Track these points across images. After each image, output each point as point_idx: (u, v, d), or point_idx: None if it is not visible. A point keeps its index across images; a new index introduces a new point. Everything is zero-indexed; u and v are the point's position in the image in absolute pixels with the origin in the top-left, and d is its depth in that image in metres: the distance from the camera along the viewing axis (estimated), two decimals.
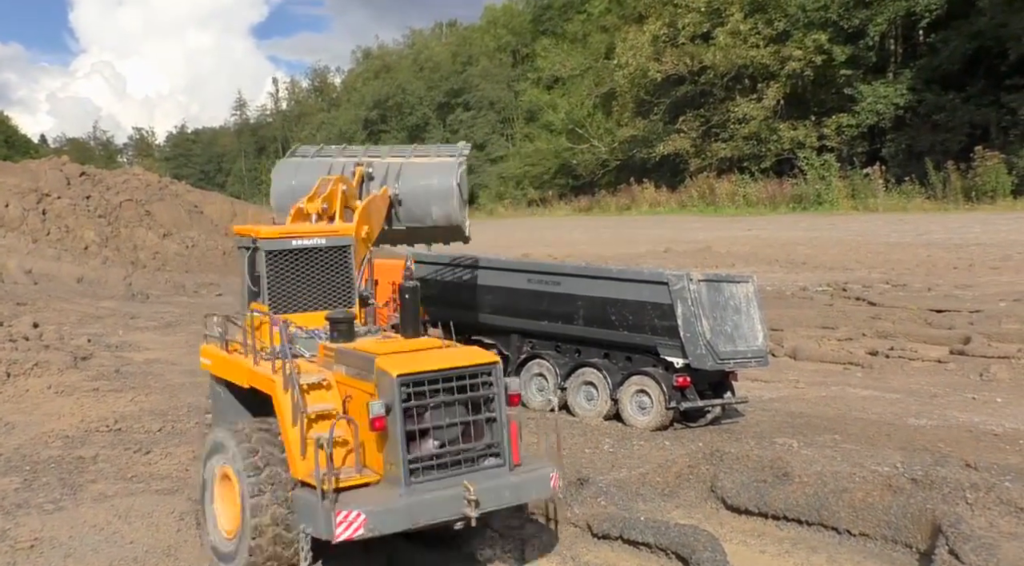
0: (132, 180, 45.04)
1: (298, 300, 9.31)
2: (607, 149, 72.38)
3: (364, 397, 7.65)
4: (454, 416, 7.78)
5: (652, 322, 14.07)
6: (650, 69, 63.87)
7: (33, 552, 8.82)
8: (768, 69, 58.89)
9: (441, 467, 7.66)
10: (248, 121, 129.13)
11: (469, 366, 7.95)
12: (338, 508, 7.12)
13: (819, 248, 38.15)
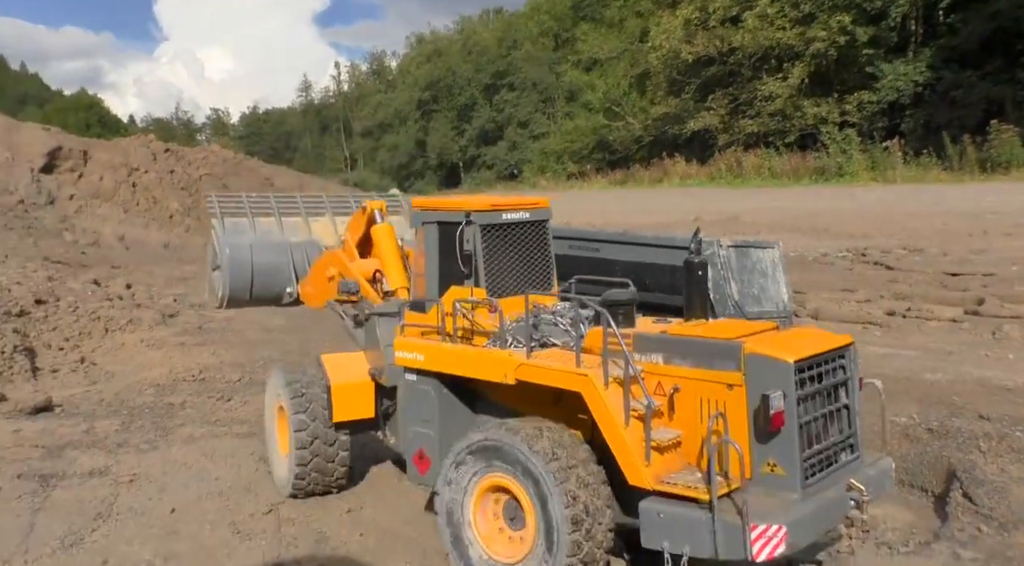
0: (210, 156, 45.52)
1: (506, 281, 7.60)
2: (641, 126, 71.52)
3: (715, 390, 6.04)
4: (821, 407, 6.24)
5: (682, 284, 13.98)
6: (682, 51, 62.81)
7: (132, 486, 9.10)
8: (793, 49, 57.55)
9: (821, 465, 6.15)
10: (313, 102, 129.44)
11: (836, 349, 6.45)
12: (755, 523, 5.48)
13: (840, 217, 37.43)
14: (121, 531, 7.92)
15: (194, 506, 8.57)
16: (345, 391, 8.42)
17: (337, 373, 8.53)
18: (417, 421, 7.66)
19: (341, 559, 7.42)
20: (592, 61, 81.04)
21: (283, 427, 8.80)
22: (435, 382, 7.46)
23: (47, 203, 33.76)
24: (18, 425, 10.90)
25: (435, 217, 7.67)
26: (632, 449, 5.95)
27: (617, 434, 6.01)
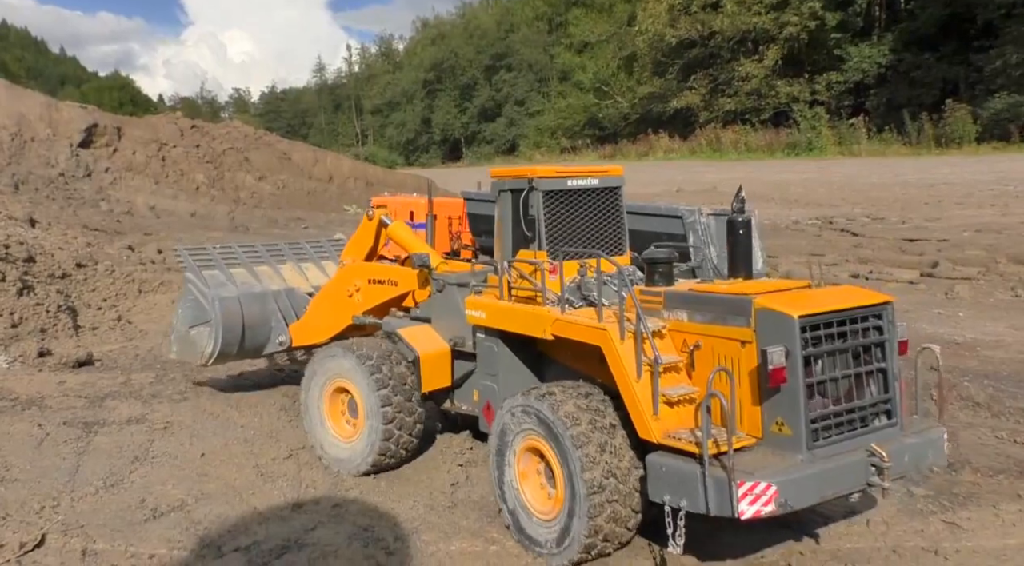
0: (233, 132, 45.05)
1: (572, 245, 7.17)
2: (628, 104, 71.02)
3: (729, 346, 5.53)
4: (845, 366, 5.56)
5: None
6: (666, 34, 62.29)
7: (166, 432, 9.09)
8: (768, 33, 57.02)
9: (839, 427, 5.47)
10: (326, 82, 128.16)
11: (864, 307, 5.70)
12: (740, 478, 4.98)
13: (809, 188, 37.28)
14: (157, 473, 7.93)
15: (222, 451, 8.56)
16: (432, 361, 8.01)
17: (421, 344, 8.03)
18: (486, 376, 7.52)
19: (355, 499, 7.43)
20: (583, 44, 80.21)
21: (336, 408, 8.29)
22: (498, 339, 7.27)
23: (85, 176, 33.45)
24: (63, 377, 10.88)
25: (508, 185, 7.30)
26: (642, 403, 5.58)
27: (629, 387, 5.65)
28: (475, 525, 6.80)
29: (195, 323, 9.77)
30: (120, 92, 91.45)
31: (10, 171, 29.52)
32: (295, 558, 6.21)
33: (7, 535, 6.13)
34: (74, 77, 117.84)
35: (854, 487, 5.44)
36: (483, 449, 8.78)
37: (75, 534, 6.36)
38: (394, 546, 6.42)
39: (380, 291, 8.86)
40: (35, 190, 28.94)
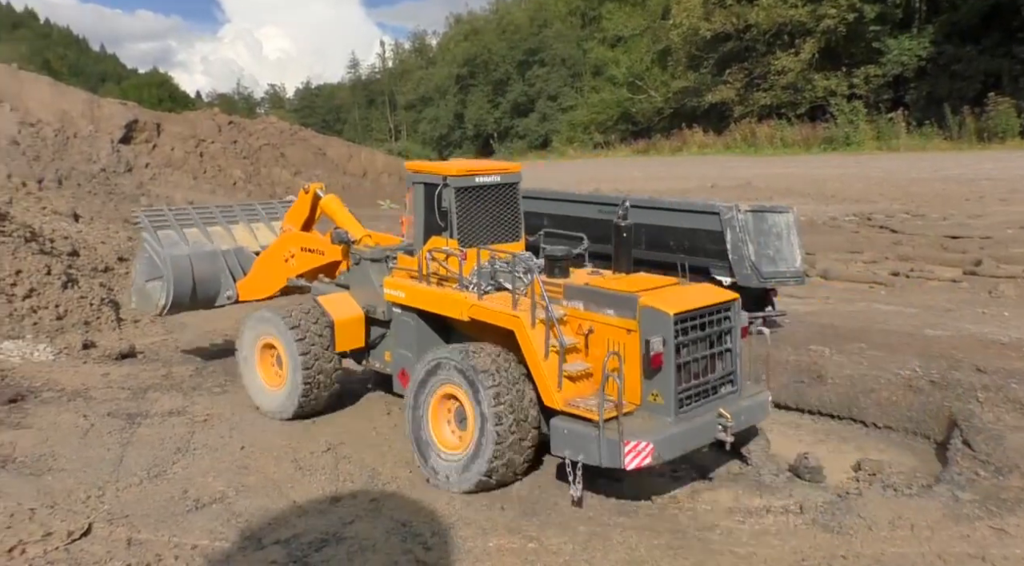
0: (269, 127, 45.47)
1: (478, 234, 8.30)
2: (662, 99, 70.21)
3: (618, 333, 6.87)
4: (704, 349, 7.06)
5: (704, 246, 13.74)
6: (701, 28, 61.41)
7: (207, 424, 9.21)
8: (805, 26, 55.93)
9: (697, 397, 7.01)
10: (360, 78, 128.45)
11: (720, 303, 7.22)
12: (627, 438, 6.35)
13: (847, 183, 36.61)
14: (198, 464, 8.03)
15: (261, 444, 8.66)
16: (345, 325, 9.23)
17: (336, 310, 9.30)
18: (402, 346, 8.74)
19: (392, 494, 7.47)
20: (617, 38, 79.55)
21: (267, 361, 9.57)
22: (414, 315, 8.49)
23: (125, 171, 33.99)
24: (107, 369, 11.07)
25: (421, 179, 8.43)
26: (548, 377, 6.91)
27: (538, 365, 6.97)
28: (512, 522, 6.80)
29: (150, 278, 10.84)
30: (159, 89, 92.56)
31: (54, 166, 30.10)
32: (334, 551, 6.25)
33: (55, 523, 6.25)
34: (114, 74, 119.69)
35: (706, 441, 7.03)
36: None
37: (120, 523, 6.47)
38: (432, 541, 6.44)
39: (311, 258, 10.08)
40: (77, 185, 29.48)
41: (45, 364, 10.85)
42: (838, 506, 6.86)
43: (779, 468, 7.90)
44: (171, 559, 5.99)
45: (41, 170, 28.81)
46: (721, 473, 8.00)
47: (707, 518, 6.90)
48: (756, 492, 7.38)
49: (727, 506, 7.14)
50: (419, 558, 6.17)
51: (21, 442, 7.97)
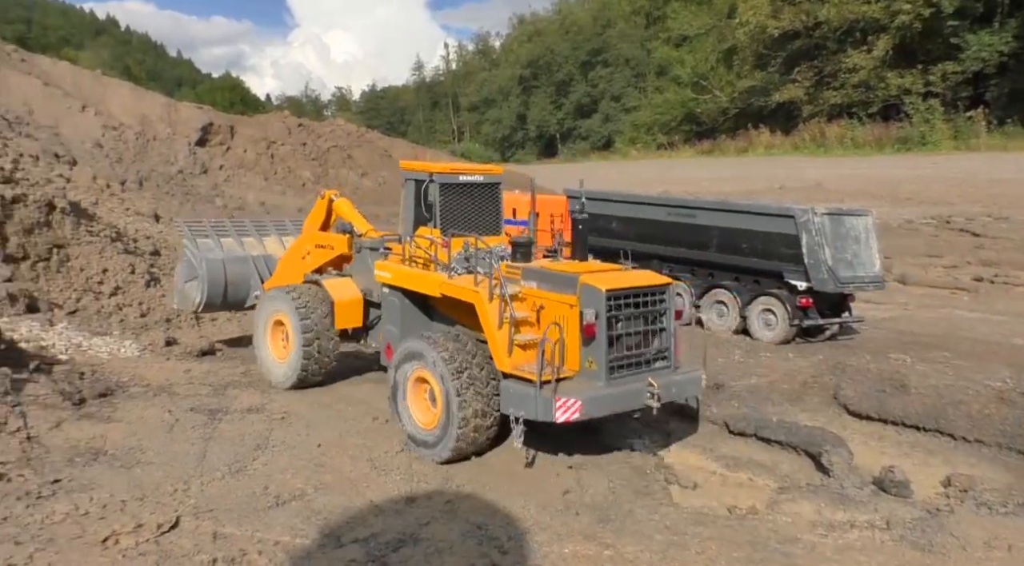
0: (337, 130, 46.23)
1: (459, 226, 9.21)
2: (728, 98, 69.08)
3: (563, 308, 7.82)
4: (637, 326, 7.93)
5: (779, 250, 13.46)
6: (768, 26, 60.13)
7: (284, 422, 9.36)
8: (879, 22, 54.23)
9: (628, 366, 7.88)
10: (424, 80, 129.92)
11: (651, 286, 8.12)
12: (558, 396, 7.35)
13: (923, 185, 35.38)
14: (277, 461, 8.17)
15: (337, 442, 8.76)
16: (344, 305, 10.25)
17: (337, 292, 10.32)
18: (388, 322, 9.73)
19: (467, 495, 7.47)
20: (681, 37, 78.47)
21: (277, 337, 10.68)
22: (400, 294, 9.50)
23: (201, 172, 35.00)
24: (188, 365, 11.38)
25: (412, 176, 9.49)
26: (500, 345, 7.85)
27: (492, 334, 7.94)
28: (588, 528, 6.74)
29: (189, 279, 12.03)
30: (231, 92, 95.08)
31: (135, 168, 31.19)
32: (411, 552, 6.28)
33: (145, 515, 6.43)
34: (189, 78, 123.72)
35: (635, 405, 7.84)
36: (593, 451, 8.73)
37: (206, 517, 6.62)
38: (508, 545, 6.41)
39: (323, 254, 11.00)
40: (157, 186, 30.48)
41: (131, 360, 11.22)
42: (928, 523, 6.59)
43: (863, 481, 7.65)
44: (255, 554, 6.09)
45: (123, 172, 29.88)
46: (801, 484, 7.79)
47: (788, 530, 6.71)
48: (839, 505, 7.15)
49: (809, 519, 6.94)
50: (495, 562, 6.15)
51: (111, 435, 8.24)
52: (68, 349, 11.01)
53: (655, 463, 8.50)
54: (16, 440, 7.61)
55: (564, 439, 9.01)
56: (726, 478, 8.22)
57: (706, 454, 8.77)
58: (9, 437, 7.62)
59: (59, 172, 18.99)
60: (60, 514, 6.28)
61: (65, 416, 8.50)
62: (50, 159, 20.08)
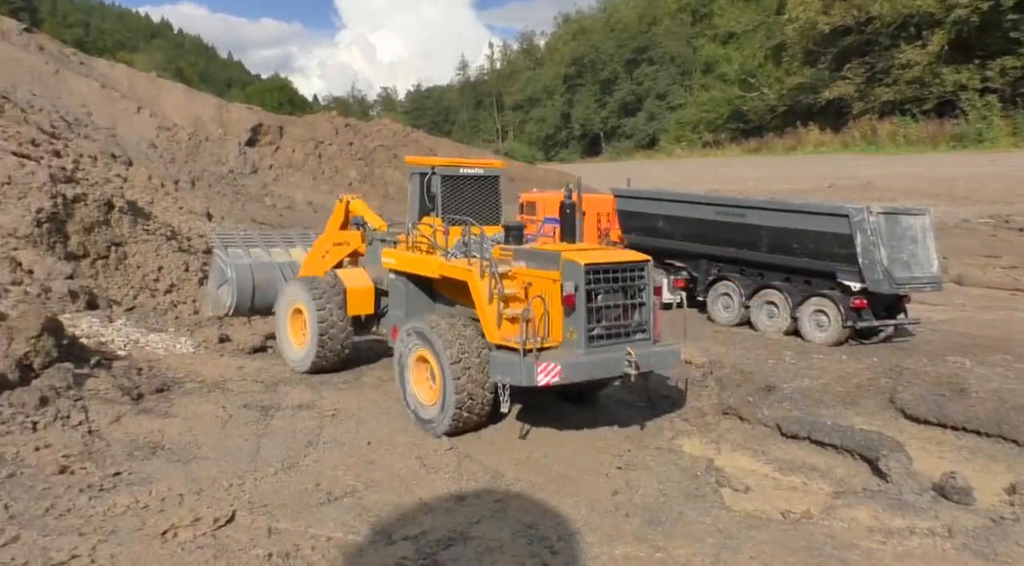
0: (383, 129, 46.69)
1: (460, 215, 9.85)
2: (775, 96, 68.08)
3: (547, 283, 8.42)
4: (616, 300, 8.49)
5: (832, 250, 13.20)
6: (819, 22, 59.14)
7: (335, 418, 9.44)
8: (934, 17, 52.91)
9: (608, 337, 8.44)
10: (469, 79, 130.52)
11: (630, 262, 8.69)
12: (539, 362, 7.95)
13: (979, 183, 34.37)
14: (328, 458, 8.25)
15: (386, 440, 8.81)
16: (356, 293, 11.03)
17: (350, 281, 11.15)
18: (395, 306, 10.45)
19: (516, 495, 7.46)
20: (728, 34, 77.57)
21: (296, 325, 11.38)
22: (404, 279, 10.18)
23: (251, 172, 35.68)
24: (241, 362, 11.58)
25: (417, 169, 10.25)
26: (490, 318, 8.46)
27: (483, 309, 8.56)
28: (639, 530, 6.67)
29: (220, 284, 12.85)
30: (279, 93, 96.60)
31: (187, 168, 31.91)
32: (462, 550, 6.29)
33: (202, 509, 6.55)
34: (239, 80, 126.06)
35: (614, 373, 8.46)
36: (642, 451, 8.65)
37: (260, 512, 6.71)
38: (558, 546, 6.38)
39: (340, 250, 11.89)
40: (208, 186, 31.15)
41: (186, 356, 11.46)
42: (992, 531, 6.38)
43: (922, 487, 7.43)
44: (308, 549, 6.16)
45: (176, 171, 30.59)
46: (857, 489, 7.61)
47: (845, 536, 6.56)
48: (898, 511, 6.96)
49: (866, 524, 6.77)
50: (546, 562, 6.12)
51: (168, 430, 8.42)
52: (126, 345, 11.28)
53: (705, 465, 8.38)
54: (79, 433, 7.82)
55: (611, 439, 8.96)
56: (779, 481, 8.06)
57: (757, 457, 8.62)
58: (72, 430, 7.84)
59: (116, 172, 19.50)
60: (121, 506, 6.44)
61: (124, 411, 8.71)
62: (108, 159, 20.62)
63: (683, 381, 11.03)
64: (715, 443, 9.12)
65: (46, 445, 7.40)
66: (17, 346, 8.53)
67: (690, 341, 13.06)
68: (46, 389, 8.31)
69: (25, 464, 7.05)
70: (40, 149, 16.27)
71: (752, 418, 9.34)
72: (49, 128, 20.67)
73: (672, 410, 10.11)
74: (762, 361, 11.84)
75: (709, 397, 10.34)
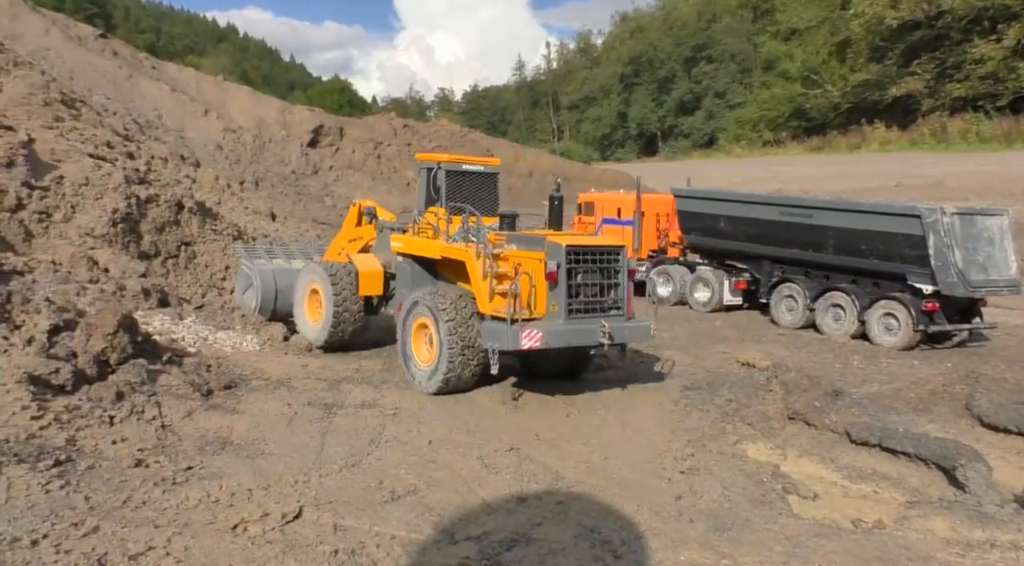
0: (440, 130, 47.10)
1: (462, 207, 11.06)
2: (839, 93, 66.27)
3: (535, 263, 9.69)
4: (594, 279, 9.82)
5: (902, 251, 12.79)
6: (886, 16, 57.34)
7: (396, 418, 9.52)
8: (1010, 10, 50.85)
9: (586, 311, 9.79)
10: (525, 79, 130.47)
11: (607, 246, 10.04)
12: (524, 329, 9.26)
13: None
14: (390, 456, 8.32)
15: (447, 439, 8.85)
16: (367, 275, 12.24)
17: (362, 264, 12.37)
18: (401, 286, 11.62)
19: (578, 496, 7.42)
20: (791, 31, 75.86)
21: (313, 304, 12.63)
22: (410, 261, 11.42)
23: (312, 173, 36.35)
24: (305, 360, 11.79)
25: (424, 165, 11.58)
26: (483, 293, 9.74)
27: (477, 284, 9.86)
28: (703, 536, 6.57)
29: (245, 289, 13.81)
30: (339, 95, 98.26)
31: (252, 169, 32.68)
32: (524, 552, 6.27)
33: (270, 505, 6.68)
34: (301, 82, 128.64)
35: (589, 342, 9.76)
36: (705, 456, 8.52)
37: (326, 509, 6.81)
38: (621, 550, 6.31)
39: (355, 245, 13.20)
40: (271, 186, 31.84)
41: (252, 353, 11.72)
42: None
43: (1003, 498, 7.14)
44: (373, 547, 6.22)
45: (241, 172, 31.35)
46: (933, 499, 7.35)
47: (920, 548, 6.34)
48: (977, 523, 6.69)
49: (943, 536, 6.53)
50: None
51: (237, 426, 8.61)
52: (196, 342, 11.58)
53: (771, 471, 8.20)
54: (152, 428, 8.06)
55: (672, 442, 8.83)
56: (848, 489, 7.85)
57: (826, 463, 8.40)
58: (147, 425, 8.08)
59: (185, 173, 20.07)
60: (193, 500, 6.60)
61: (195, 406, 8.94)
62: (177, 161, 21.25)
63: (745, 384, 10.83)
64: (780, 448, 8.92)
65: (122, 439, 7.64)
66: (95, 342, 8.84)
67: (752, 343, 12.93)
68: (122, 384, 8.59)
69: (103, 457, 7.29)
70: (115, 151, 16.84)
71: (819, 423, 9.11)
72: (123, 130, 21.39)
73: (734, 414, 9.93)
74: (828, 365, 11.54)
75: (773, 401, 10.12)
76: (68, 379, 8.20)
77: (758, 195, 16.89)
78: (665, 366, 12.30)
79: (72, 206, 13.59)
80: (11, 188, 12.91)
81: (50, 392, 8.00)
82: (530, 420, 9.70)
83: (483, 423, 9.45)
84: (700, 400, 10.38)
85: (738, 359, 12.08)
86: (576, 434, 9.16)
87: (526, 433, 9.15)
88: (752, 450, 8.83)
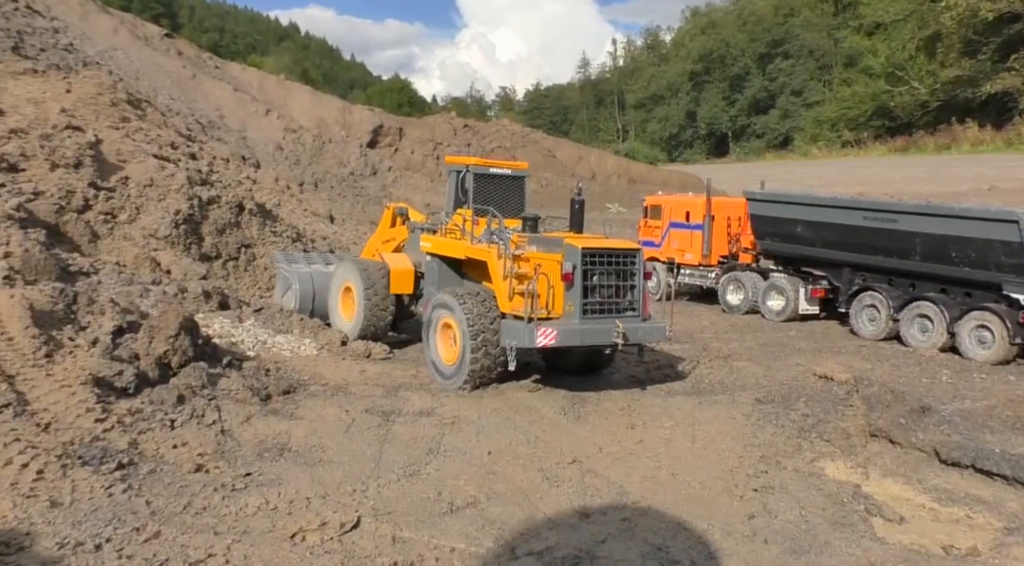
0: (501, 130, 47.34)
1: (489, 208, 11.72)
2: (928, 90, 64.18)
3: (553, 264, 10.30)
4: (610, 280, 10.40)
5: (998, 259, 12.32)
6: (981, 9, 55.33)
7: (454, 427, 9.57)
8: None
9: (601, 311, 10.36)
10: (589, 77, 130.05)
11: (623, 249, 10.60)
12: (540, 327, 9.92)
13: None
14: (449, 467, 8.37)
15: (507, 451, 8.86)
16: (399, 273, 12.92)
17: (394, 263, 13.10)
18: (429, 284, 12.29)
19: (644, 512, 7.34)
20: (875, 25, 73.87)
21: (347, 300, 13.38)
22: (438, 261, 12.09)
23: (371, 174, 36.94)
24: (363, 366, 11.95)
25: (454, 168, 12.27)
26: (503, 292, 10.45)
27: (498, 283, 10.55)
28: (779, 559, 6.42)
29: (285, 291, 14.49)
30: (399, 94, 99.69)
31: (311, 170, 33.37)
32: None
33: (328, 514, 6.79)
34: (361, 81, 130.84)
35: (604, 341, 10.34)
36: (780, 473, 8.33)
37: (385, 520, 6.88)
38: None
39: (388, 246, 13.95)
40: (331, 188, 32.47)
41: (310, 358, 11.94)
42: None
43: None
44: (432, 560, 6.27)
45: (300, 173, 32.04)
46: None
47: None
48: None
49: None
50: None
51: (295, 432, 8.79)
52: (255, 346, 11.87)
53: (852, 491, 7.97)
54: (212, 432, 8.28)
55: (744, 458, 8.67)
56: (938, 513, 7.57)
57: (912, 485, 8.12)
58: (207, 429, 8.31)
59: (246, 174, 20.63)
60: (252, 507, 6.75)
61: (254, 411, 9.15)
62: (238, 162, 21.86)
63: (823, 398, 10.56)
64: (862, 467, 8.66)
65: (183, 443, 7.87)
66: (157, 345, 9.13)
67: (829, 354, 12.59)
68: (183, 387, 8.86)
69: (164, 461, 7.52)
70: (178, 152, 17.42)
71: (905, 442, 8.82)
72: (185, 131, 22.12)
73: (811, 429, 9.69)
74: (914, 379, 11.17)
75: (854, 417, 9.85)
76: (131, 381, 8.48)
77: (839, 199, 16.47)
78: (736, 378, 12.09)
79: (136, 207, 14.10)
80: (79, 189, 13.46)
81: (113, 394, 8.29)
82: (593, 432, 9.64)
83: (544, 434, 9.44)
84: (774, 414, 10.16)
85: (815, 371, 11.79)
86: (642, 447, 9.06)
87: (589, 445, 9.10)
88: (831, 468, 8.60)
